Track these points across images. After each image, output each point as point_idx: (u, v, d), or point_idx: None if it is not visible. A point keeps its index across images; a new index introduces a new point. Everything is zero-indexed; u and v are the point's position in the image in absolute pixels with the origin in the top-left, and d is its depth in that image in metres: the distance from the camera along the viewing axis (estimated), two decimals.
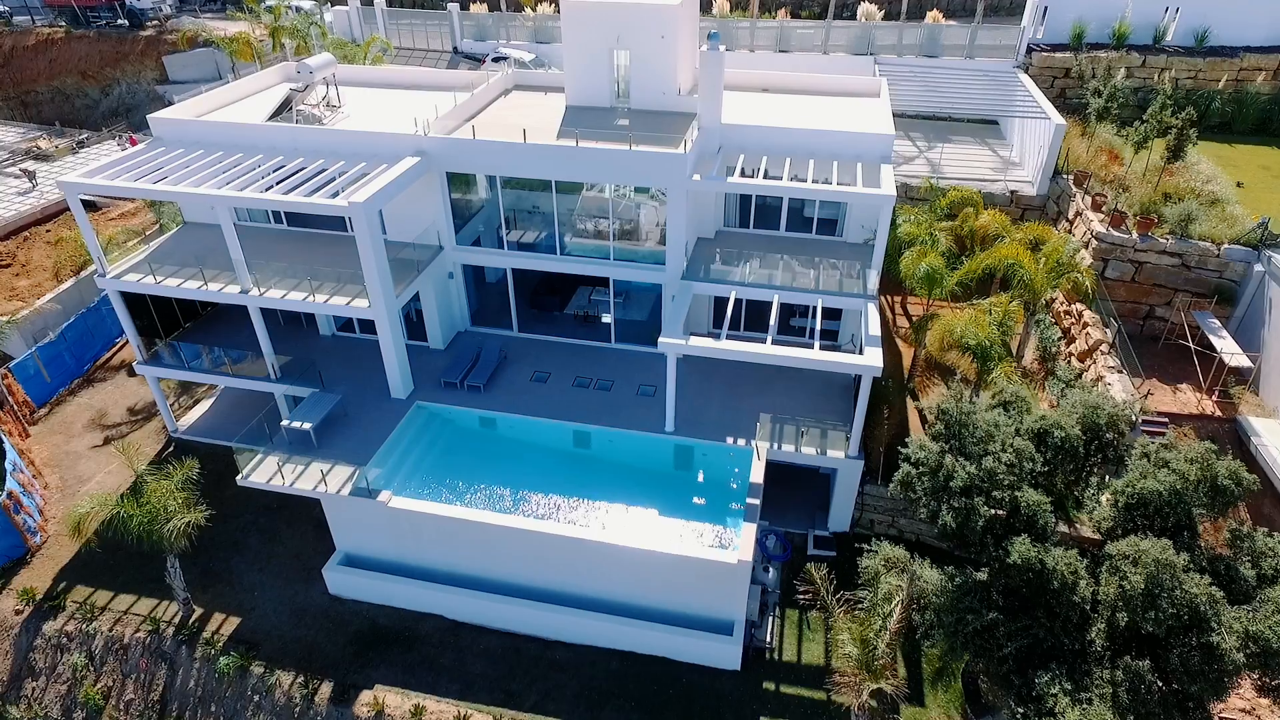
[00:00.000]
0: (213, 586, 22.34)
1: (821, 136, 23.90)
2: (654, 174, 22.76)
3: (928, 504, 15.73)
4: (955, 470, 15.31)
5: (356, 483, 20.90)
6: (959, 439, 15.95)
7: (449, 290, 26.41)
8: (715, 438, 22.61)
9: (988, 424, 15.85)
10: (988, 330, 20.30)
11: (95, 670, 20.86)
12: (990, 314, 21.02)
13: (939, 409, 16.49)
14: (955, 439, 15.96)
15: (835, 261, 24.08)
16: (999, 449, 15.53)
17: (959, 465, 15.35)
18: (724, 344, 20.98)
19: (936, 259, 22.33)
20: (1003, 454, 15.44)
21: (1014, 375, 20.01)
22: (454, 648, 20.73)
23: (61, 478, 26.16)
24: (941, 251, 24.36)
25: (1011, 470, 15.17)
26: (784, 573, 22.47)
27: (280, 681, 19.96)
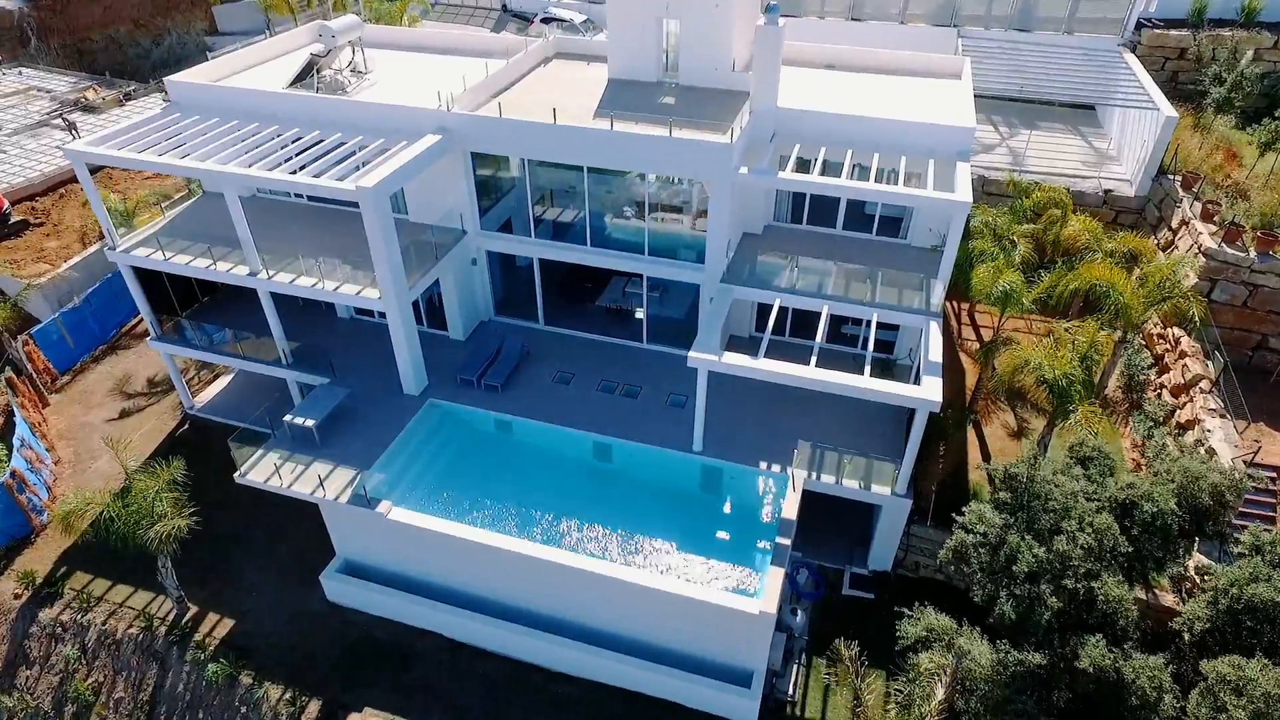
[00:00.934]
0: (211, 583, 21.41)
1: (890, 127, 21.02)
2: (695, 164, 20.33)
3: (984, 585, 13.39)
4: (1021, 551, 12.91)
5: (356, 489, 19.49)
6: (1027, 509, 13.48)
7: (472, 277, 24.60)
8: (748, 461, 20.47)
9: (1064, 496, 13.33)
10: (1067, 365, 17.51)
11: (87, 664, 20.21)
12: (1073, 345, 18.17)
13: (1005, 472, 14.03)
14: (1023, 510, 13.50)
15: (895, 270, 21.37)
16: (1075, 527, 13.04)
17: (1026, 545, 12.94)
18: (761, 363, 18.68)
19: (1015, 276, 19.45)
20: (1080, 533, 12.95)
21: (1096, 422, 17.24)
22: (451, 670, 19.38)
23: (75, 452, 25.59)
24: (1019, 262, 21.40)
25: (1089, 556, 12.69)
26: (814, 613, 20.39)
27: (269, 695, 18.94)
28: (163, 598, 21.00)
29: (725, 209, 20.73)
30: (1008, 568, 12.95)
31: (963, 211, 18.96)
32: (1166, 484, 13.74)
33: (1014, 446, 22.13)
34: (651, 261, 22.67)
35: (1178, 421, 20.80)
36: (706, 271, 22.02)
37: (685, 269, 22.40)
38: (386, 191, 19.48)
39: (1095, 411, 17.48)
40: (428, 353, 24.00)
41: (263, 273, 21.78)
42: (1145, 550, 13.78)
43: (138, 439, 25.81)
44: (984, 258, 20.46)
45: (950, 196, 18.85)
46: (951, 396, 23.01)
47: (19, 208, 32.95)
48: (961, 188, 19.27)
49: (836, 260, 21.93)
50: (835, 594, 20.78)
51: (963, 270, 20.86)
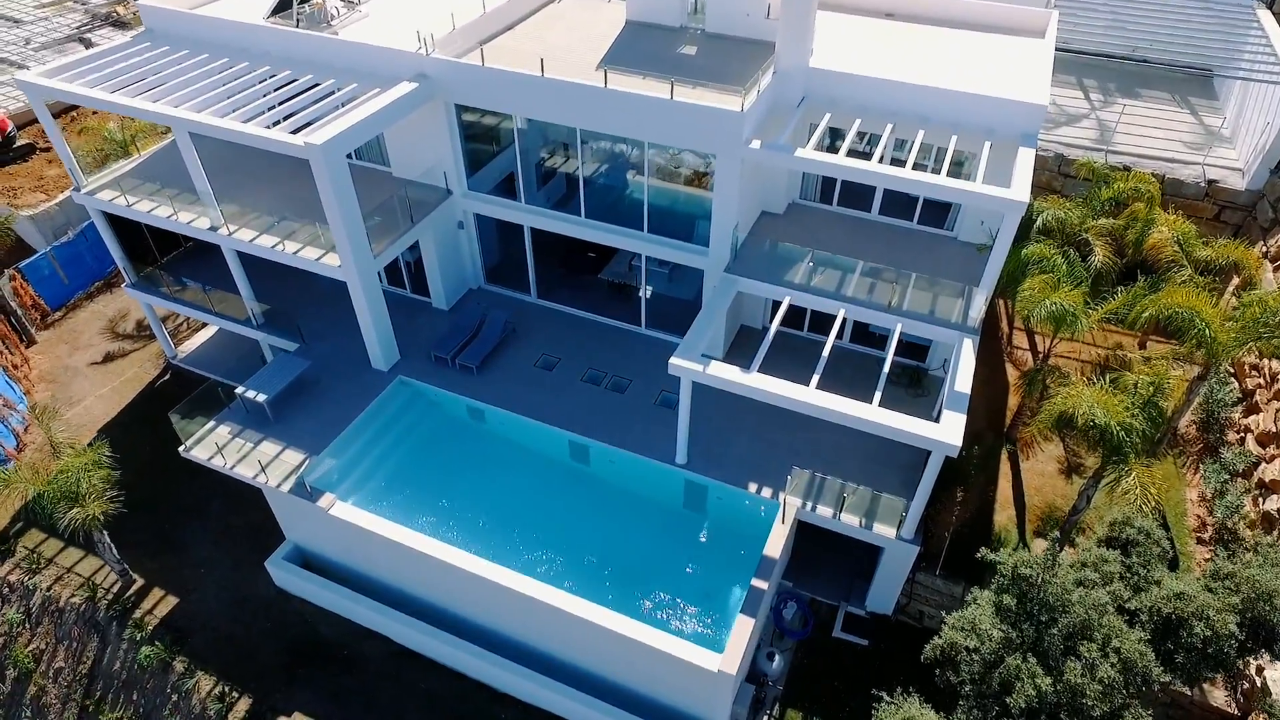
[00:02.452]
0: (162, 554, 20.36)
1: (941, 98, 17.44)
2: (699, 134, 17.28)
3: (969, 710, 10.78)
4: (1021, 677, 10.21)
5: (300, 478, 17.84)
6: (1034, 620, 10.70)
7: (458, 242, 22.25)
8: (736, 480, 17.98)
9: (1086, 608, 10.48)
10: (1122, 415, 14.25)
11: (30, 629, 19.52)
12: (1135, 390, 14.80)
13: (1014, 571, 11.19)
14: (1030, 620, 10.72)
15: (932, 272, 18.10)
16: (1096, 651, 10.24)
17: (1028, 671, 10.23)
18: (751, 379, 15.95)
19: (1072, 296, 15.99)
20: (1101, 661, 10.15)
21: (1154, 487, 13.99)
22: (394, 681, 17.92)
23: (54, 395, 24.77)
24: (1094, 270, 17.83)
25: (1110, 694, 9.92)
26: (797, 655, 18.10)
27: (200, 686, 17.87)
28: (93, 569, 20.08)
29: (733, 188, 17.70)
30: (1001, 696, 10.33)
31: (1015, 212, 15.53)
32: (1228, 598, 10.75)
33: (1059, 485, 18.96)
34: (651, 240, 19.87)
35: (1260, 479, 17.27)
36: (710, 257, 19.15)
37: (688, 252, 19.55)
38: (341, 149, 17.13)
39: (1154, 475, 14.25)
40: (407, 321, 22.09)
41: (223, 228, 19.89)
42: (1189, 673, 10.92)
43: (113, 388, 24.89)
44: (1040, 266, 16.98)
45: (1001, 193, 15.40)
46: (989, 417, 19.88)
47: (29, 130, 31.89)
48: (1019, 182, 15.77)
49: (865, 252, 18.76)
50: (825, 634, 18.39)
51: (1015, 279, 17.44)
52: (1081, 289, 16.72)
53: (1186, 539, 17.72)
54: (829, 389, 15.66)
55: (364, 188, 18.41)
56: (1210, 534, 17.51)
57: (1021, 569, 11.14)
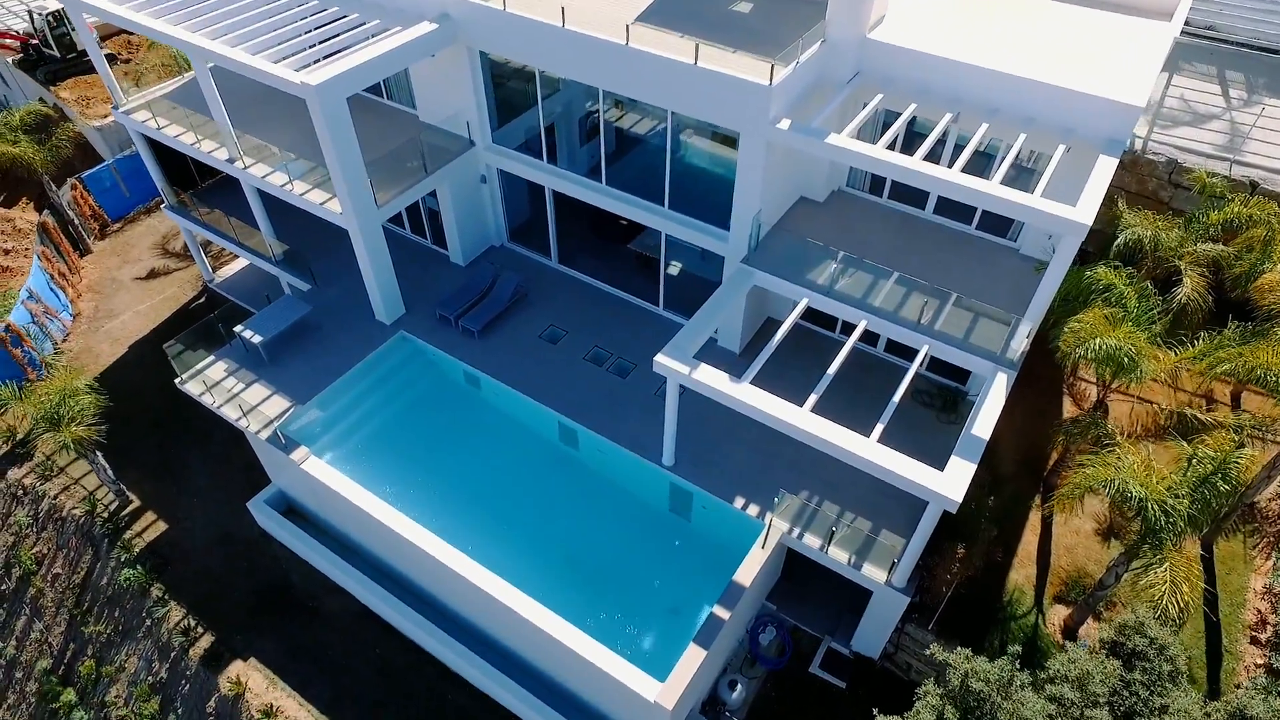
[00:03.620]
0: (162, 479, 20.75)
1: (1013, 86, 14.82)
2: (722, 106, 15.34)
3: None
4: None
5: (278, 429, 17.52)
6: None
7: (480, 196, 21.14)
8: (725, 492, 16.50)
9: None
10: (1163, 493, 11.88)
11: (36, 533, 20.35)
12: (1190, 466, 12.29)
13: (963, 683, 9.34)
14: None
15: (977, 289, 15.74)
16: None
17: None
18: (741, 391, 14.31)
19: (1133, 337, 13.41)
20: None
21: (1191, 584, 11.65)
22: (351, 641, 17.71)
23: (97, 307, 25.55)
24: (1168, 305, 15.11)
25: None
26: (765, 685, 16.74)
27: (170, 616, 18.18)
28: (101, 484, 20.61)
29: (756, 170, 15.74)
30: None
31: (1074, 235, 13.03)
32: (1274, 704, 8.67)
33: (1093, 548, 16.53)
34: (671, 217, 18.17)
35: None
36: (730, 243, 17.34)
37: (707, 235, 17.77)
38: (341, 90, 16.14)
39: (1192, 570, 11.86)
40: (421, 272, 21.39)
41: (240, 161, 19.45)
42: None
43: (151, 305, 25.44)
44: (1104, 295, 14.37)
45: (1059, 211, 12.91)
46: (1027, 455, 17.49)
47: (112, 41, 32.54)
48: (1087, 199, 13.21)
49: (909, 255, 16.54)
50: (802, 667, 16.92)
51: (1070, 307, 14.88)
52: (1151, 330, 14.07)
53: (1238, 635, 15.15)
54: (848, 401, 13.88)
55: (387, 130, 17.49)
56: (1269, 635, 14.88)
57: (972, 681, 9.32)
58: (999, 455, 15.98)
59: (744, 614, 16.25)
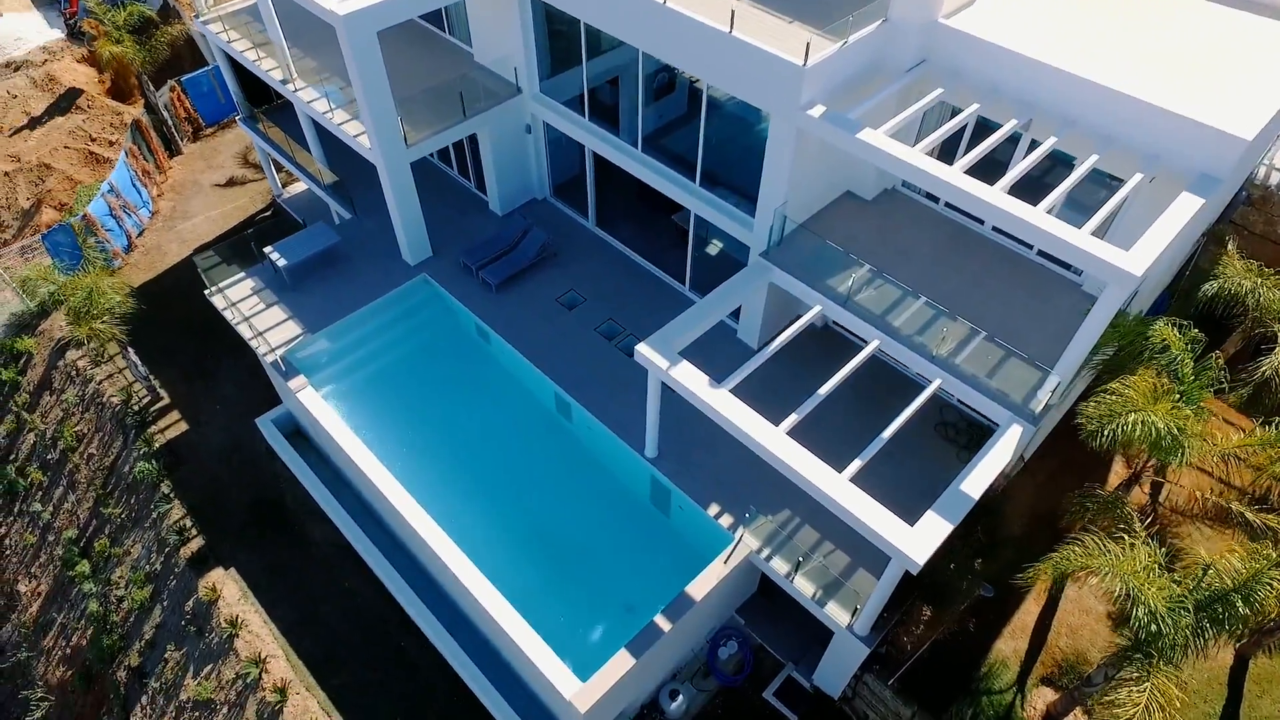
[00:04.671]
0: (194, 381, 21.72)
1: (1094, 96, 12.68)
2: (753, 83, 13.89)
3: None
4: None
5: (280, 355, 17.82)
6: None
7: (524, 146, 20.45)
8: (704, 495, 15.58)
9: None
10: (1161, 601, 10.09)
11: (80, 412, 21.81)
12: (1201, 578, 10.36)
13: None
14: None
15: (1019, 323, 13.85)
16: None
17: None
18: (716, 398, 13.24)
19: (1173, 416, 11.35)
20: None
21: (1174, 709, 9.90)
22: (326, 571, 18.11)
23: (175, 207, 26.80)
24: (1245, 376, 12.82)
25: None
26: (713, 702, 15.98)
27: (171, 514, 19.13)
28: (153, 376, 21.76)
29: (784, 158, 14.27)
30: None
31: (1121, 284, 11.04)
32: None
33: (1100, 631, 14.58)
34: (699, 195, 16.94)
35: None
36: (755, 233, 15.99)
37: (733, 220, 16.46)
38: (372, 23, 15.71)
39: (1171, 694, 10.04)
40: (458, 216, 21.16)
41: (292, 83, 19.51)
42: None
43: (222, 212, 26.44)
44: (1157, 354, 12.26)
45: (1105, 254, 10.94)
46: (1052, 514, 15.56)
47: None
48: (1148, 242, 11.16)
49: (951, 273, 14.77)
50: (758, 690, 16.03)
51: (1119, 366, 12.78)
52: (1199, 405, 11.93)
53: None
54: (866, 424, 12.64)
55: (439, 65, 16.97)
56: None
57: None
58: (1013, 511, 14.22)
59: (698, 625, 15.46)
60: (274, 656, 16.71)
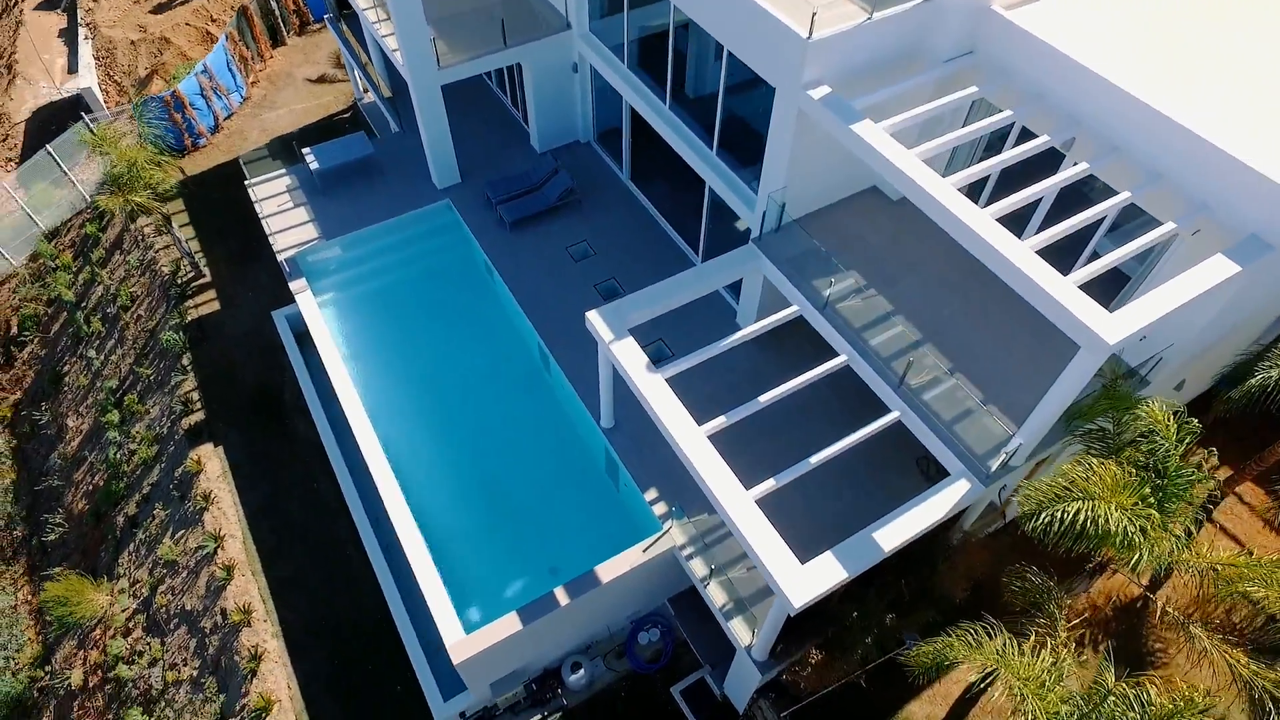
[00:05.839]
0: (237, 264, 22.85)
1: (1146, 121, 10.64)
2: (760, 52, 12.58)
3: None
4: None
5: (291, 256, 18.34)
6: None
7: (570, 86, 19.74)
8: (648, 477, 15.00)
9: None
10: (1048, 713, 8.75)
11: (138, 276, 23.47)
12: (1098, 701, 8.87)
13: None
14: None
15: (997, 372, 12.23)
16: None
17: None
18: (648, 384, 12.50)
19: (1141, 513, 9.65)
20: None
21: None
22: (300, 468, 18.89)
23: (265, 95, 27.91)
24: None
25: None
26: (619, 683, 15.68)
27: (183, 385, 20.41)
28: (201, 254, 23.05)
29: (784, 140, 12.96)
30: None
31: (1093, 350, 9.37)
32: None
33: None
34: (711, 165, 15.81)
35: None
36: (756, 214, 14.79)
37: (739, 198, 15.28)
38: None
39: None
40: (499, 146, 21.04)
41: None
42: None
43: (306, 108, 27.31)
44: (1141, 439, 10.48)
45: (1081, 313, 9.27)
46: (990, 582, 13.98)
47: None
48: (1141, 307, 9.39)
49: (956, 296, 13.18)
50: (667, 682, 15.59)
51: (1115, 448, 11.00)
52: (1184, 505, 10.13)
53: None
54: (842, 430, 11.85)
55: None
56: None
57: None
58: (959, 571, 12.81)
59: (613, 605, 15.04)
60: (232, 536, 17.70)
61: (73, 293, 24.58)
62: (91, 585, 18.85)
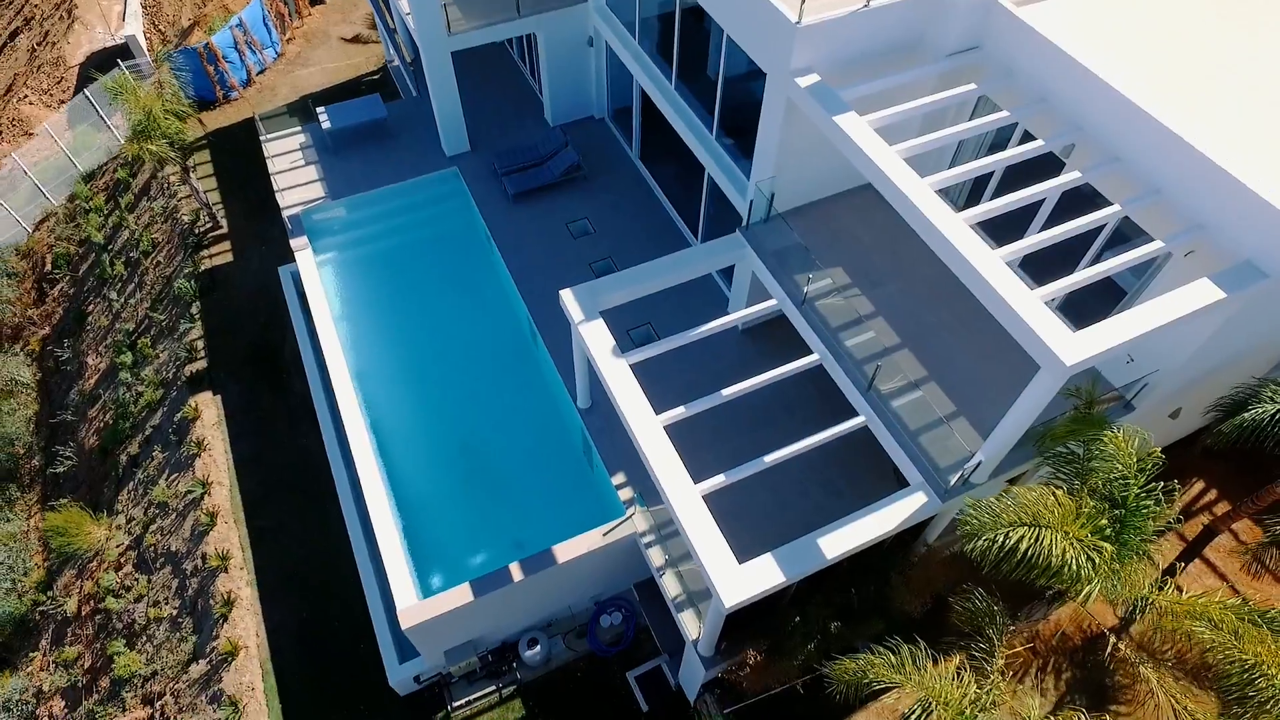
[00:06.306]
0: (253, 218, 23.19)
1: (1145, 131, 10.01)
2: (754, 37, 12.16)
3: None
4: None
5: (295, 214, 18.53)
6: None
7: (584, 60, 19.46)
8: (615, 460, 14.91)
9: None
10: None
11: (161, 222, 24.02)
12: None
13: None
14: None
15: (976, 385, 11.75)
16: None
17: None
18: (613, 367, 12.33)
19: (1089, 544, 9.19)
20: None
21: None
22: (291, 422, 19.16)
23: (299, 53, 28.16)
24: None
25: None
26: (578, 662, 15.69)
27: (190, 333, 20.88)
28: (220, 205, 23.47)
29: (773, 127, 12.56)
30: None
31: (1051, 371, 8.90)
32: None
33: None
34: (709, 149, 15.43)
35: None
36: (745, 203, 14.41)
37: (733, 186, 14.90)
38: None
39: None
40: (514, 117, 20.89)
41: None
42: None
43: (337, 66, 27.51)
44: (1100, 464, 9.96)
45: (1041, 331, 8.78)
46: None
47: None
48: (1107, 330, 8.86)
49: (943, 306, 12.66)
50: (623, 668, 15.56)
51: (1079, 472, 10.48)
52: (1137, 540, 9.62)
53: None
54: None
55: None
56: None
57: None
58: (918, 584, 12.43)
59: (573, 585, 15.03)
60: (219, 484, 18.14)
61: (101, 235, 25.28)
62: (91, 519, 19.53)
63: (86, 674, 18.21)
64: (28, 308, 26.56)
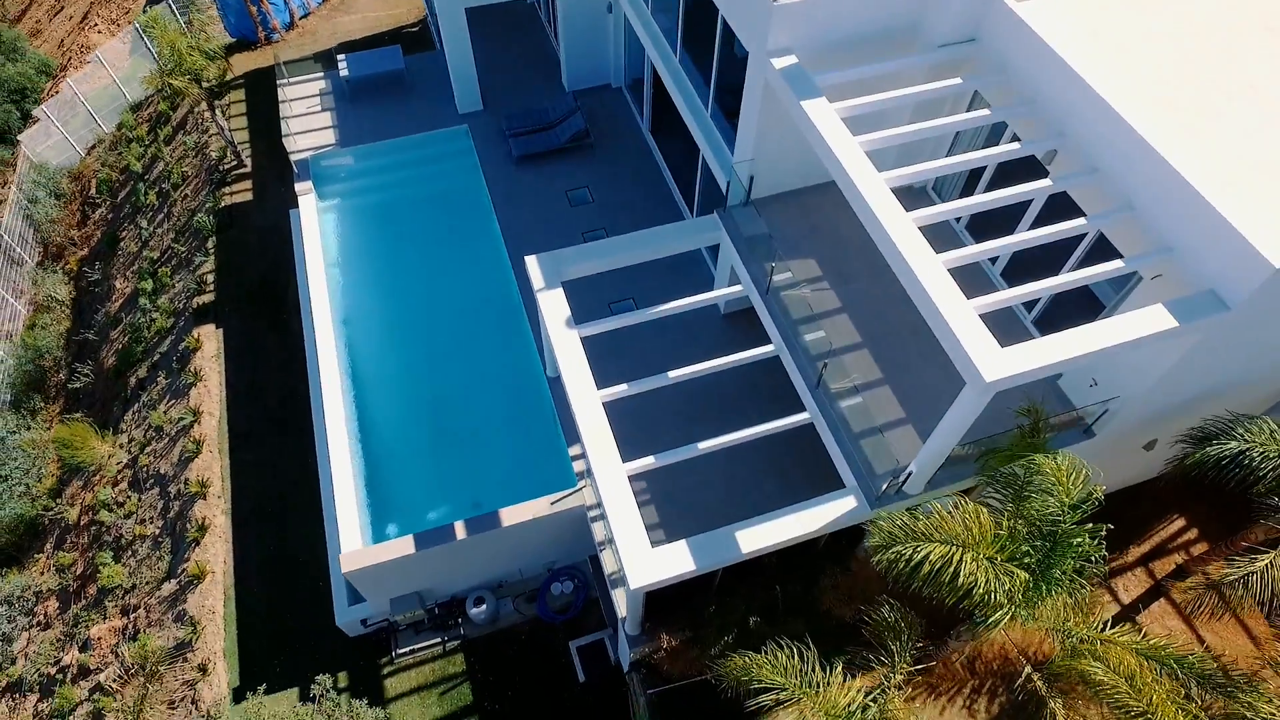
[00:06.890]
0: (273, 160, 23.63)
1: (1124, 143, 9.38)
2: (737, 8, 11.74)
3: None
4: None
5: (303, 159, 18.82)
6: None
7: (602, 26, 19.16)
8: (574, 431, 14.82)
9: None
10: None
11: (191, 156, 24.69)
12: None
13: None
14: None
15: (924, 393, 11.33)
16: None
17: None
18: (564, 337, 12.27)
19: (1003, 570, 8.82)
20: None
21: None
22: (284, 360, 19.62)
23: (331, 8, 28.38)
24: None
25: None
26: (522, 626, 15.88)
27: (204, 266, 21.52)
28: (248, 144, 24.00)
29: (752, 109, 12.18)
30: None
31: (974, 387, 8.49)
32: None
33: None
34: (702, 126, 15.06)
35: None
36: (725, 185, 14.07)
37: (719, 164, 14.54)
38: None
39: None
40: (531, 78, 20.72)
41: None
42: None
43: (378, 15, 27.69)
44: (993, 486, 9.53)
45: (968, 344, 8.38)
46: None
47: None
48: (1037, 350, 8.40)
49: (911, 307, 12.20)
50: (568, 636, 15.70)
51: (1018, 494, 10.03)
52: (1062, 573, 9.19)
53: None
54: None
55: None
56: None
57: None
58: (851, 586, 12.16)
59: (524, 550, 15.15)
60: (210, 414, 18.77)
61: (140, 164, 26.13)
62: (96, 435, 20.45)
63: (77, 580, 19.20)
64: (71, 229, 27.74)
